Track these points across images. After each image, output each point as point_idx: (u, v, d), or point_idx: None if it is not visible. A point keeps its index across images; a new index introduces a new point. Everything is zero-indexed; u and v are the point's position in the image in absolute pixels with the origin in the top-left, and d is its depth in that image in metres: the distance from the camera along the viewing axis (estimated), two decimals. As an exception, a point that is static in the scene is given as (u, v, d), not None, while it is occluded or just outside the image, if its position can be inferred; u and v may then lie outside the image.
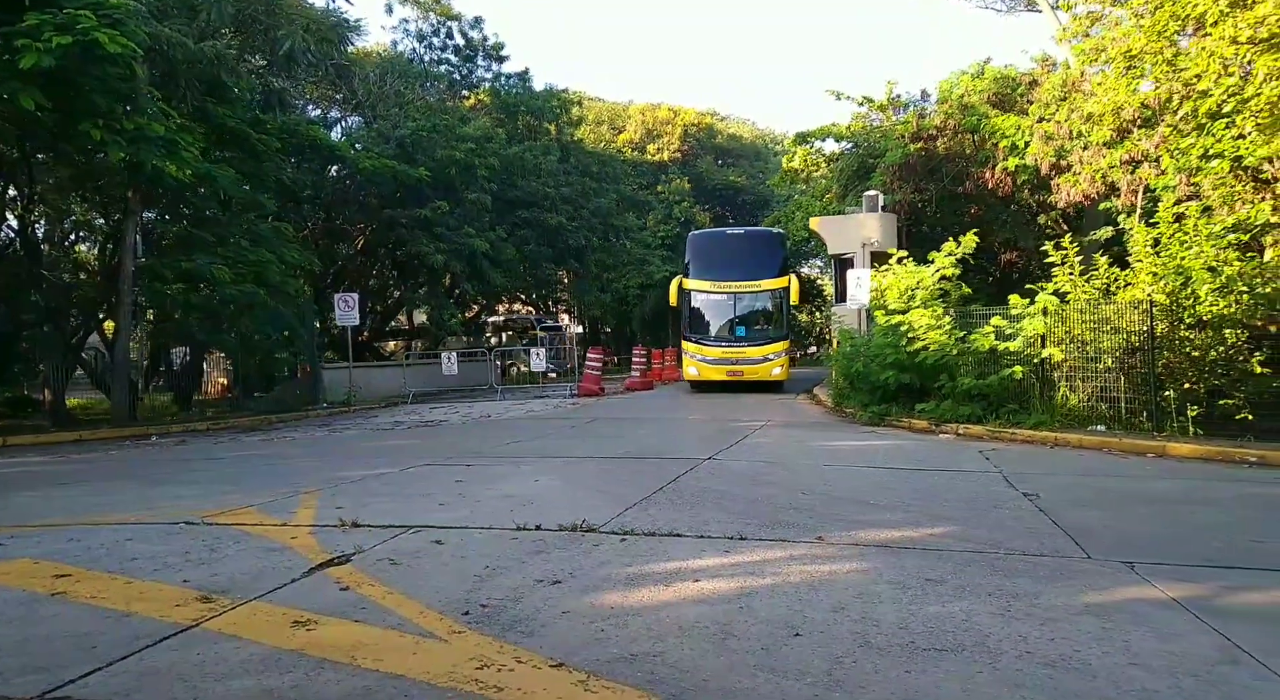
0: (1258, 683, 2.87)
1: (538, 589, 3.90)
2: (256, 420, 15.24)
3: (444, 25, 31.44)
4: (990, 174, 20.59)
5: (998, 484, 6.96)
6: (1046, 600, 3.76)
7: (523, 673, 2.90)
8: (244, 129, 16.57)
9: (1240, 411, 10.08)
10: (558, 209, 27.70)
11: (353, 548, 4.69)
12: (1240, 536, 5.04)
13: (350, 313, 17.79)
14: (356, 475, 7.68)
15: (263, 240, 17.09)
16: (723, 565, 4.35)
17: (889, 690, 2.80)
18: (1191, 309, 10.06)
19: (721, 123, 62.26)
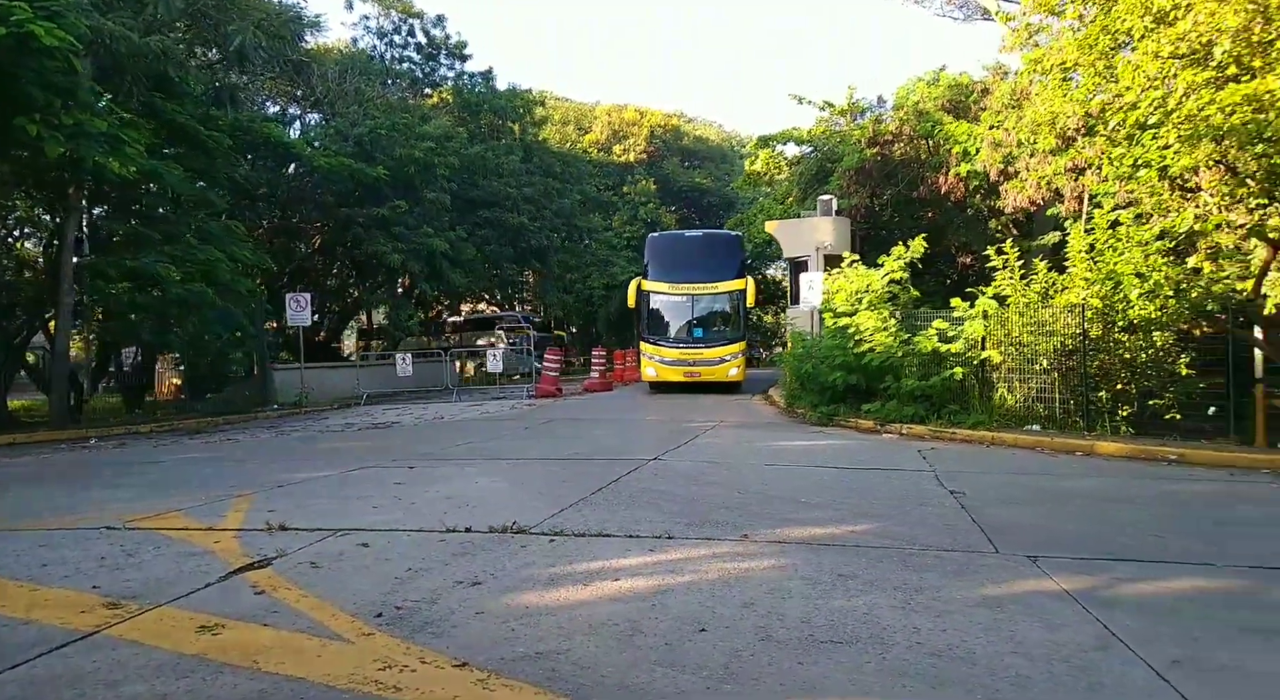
0: (1123, 667, 3.02)
1: (456, 590, 3.95)
2: (203, 422, 15.02)
3: (405, 23, 31.23)
4: (943, 179, 21.01)
5: (929, 482, 7.14)
6: (947, 593, 3.90)
7: (425, 673, 2.95)
8: (194, 125, 16.31)
9: (1169, 411, 10.45)
10: (519, 209, 27.65)
11: (275, 551, 4.69)
12: (1144, 531, 5.25)
13: (302, 313, 17.60)
14: (296, 478, 7.64)
15: (213, 239, 16.80)
16: (645, 564, 4.43)
17: (779, 681, 2.90)
18: (1123, 313, 10.38)
19: (689, 125, 62.57)
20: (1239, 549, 4.78)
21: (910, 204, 22.65)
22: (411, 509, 5.98)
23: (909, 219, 22.55)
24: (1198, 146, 7.99)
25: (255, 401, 17.54)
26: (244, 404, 17.18)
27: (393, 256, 22.15)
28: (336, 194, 23.03)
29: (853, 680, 2.91)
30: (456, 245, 24.57)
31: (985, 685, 2.87)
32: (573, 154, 38.77)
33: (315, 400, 18.42)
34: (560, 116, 53.12)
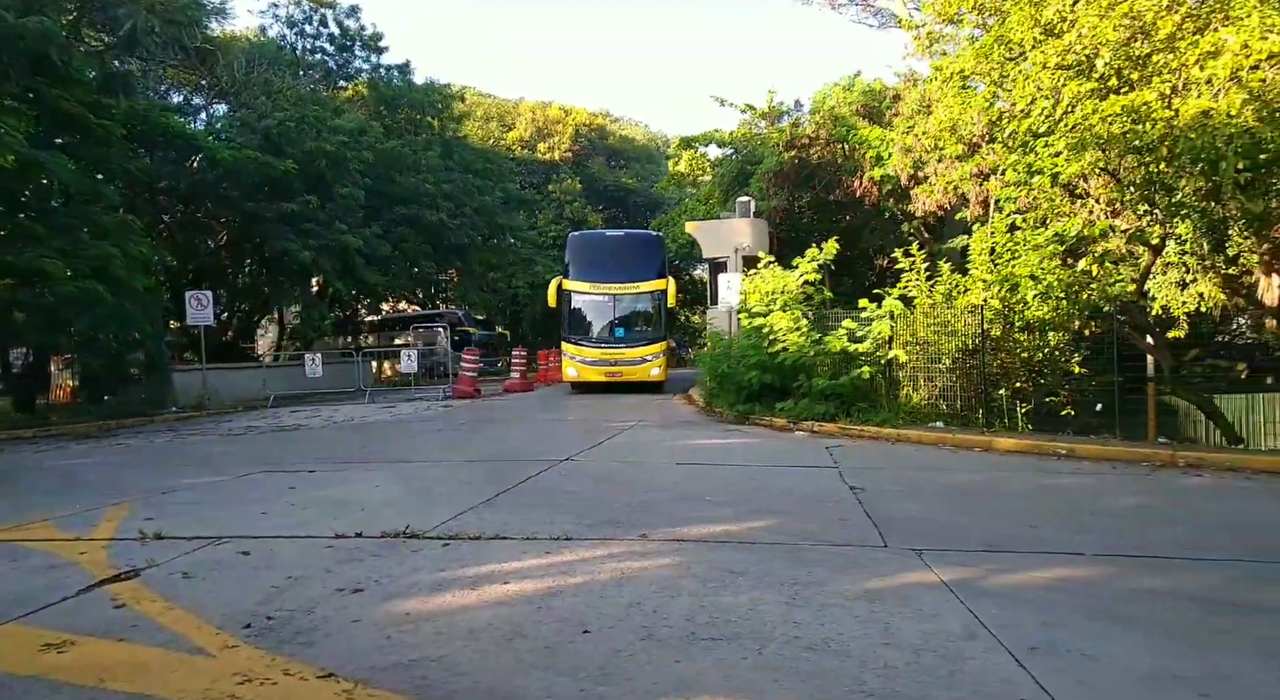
0: (984, 654, 3.12)
1: (335, 598, 3.81)
2: (95, 426, 14.25)
3: (317, 12, 30.28)
4: (858, 183, 21.52)
5: (831, 479, 7.26)
6: (832, 587, 3.96)
7: (286, 685, 2.83)
8: (84, 113, 15.44)
9: (1065, 408, 10.95)
10: (438, 206, 27.14)
11: (146, 562, 4.46)
12: (1023, 523, 5.45)
13: (204, 311, 16.89)
14: (183, 484, 7.31)
15: (107, 234, 15.96)
16: (538, 566, 4.37)
17: (653, 680, 2.88)
18: (1020, 314, 10.81)
19: (615, 124, 62.60)
20: (1106, 538, 5.01)
21: (828, 206, 23.13)
22: (302, 514, 5.77)
23: (827, 221, 23.02)
24: (1083, 155, 8.37)
25: (154, 404, 16.72)
26: (141, 407, 16.36)
27: (303, 254, 21.46)
28: (243, 188, 22.13)
29: (726, 677, 2.91)
30: (371, 242, 23.96)
31: (854, 676, 2.91)
32: (495, 151, 38.28)
33: (219, 402, 17.69)
34: (483, 113, 52.43)
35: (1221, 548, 4.81)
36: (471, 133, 45.04)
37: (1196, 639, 3.31)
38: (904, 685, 2.85)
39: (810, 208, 23.09)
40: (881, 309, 11.50)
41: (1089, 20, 8.18)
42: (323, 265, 22.54)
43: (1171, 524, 5.51)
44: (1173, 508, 6.14)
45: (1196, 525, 5.47)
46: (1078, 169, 8.91)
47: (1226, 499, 6.54)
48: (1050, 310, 10.67)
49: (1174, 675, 2.95)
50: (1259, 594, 3.95)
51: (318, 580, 4.11)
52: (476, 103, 54.18)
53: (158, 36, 15.13)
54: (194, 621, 3.49)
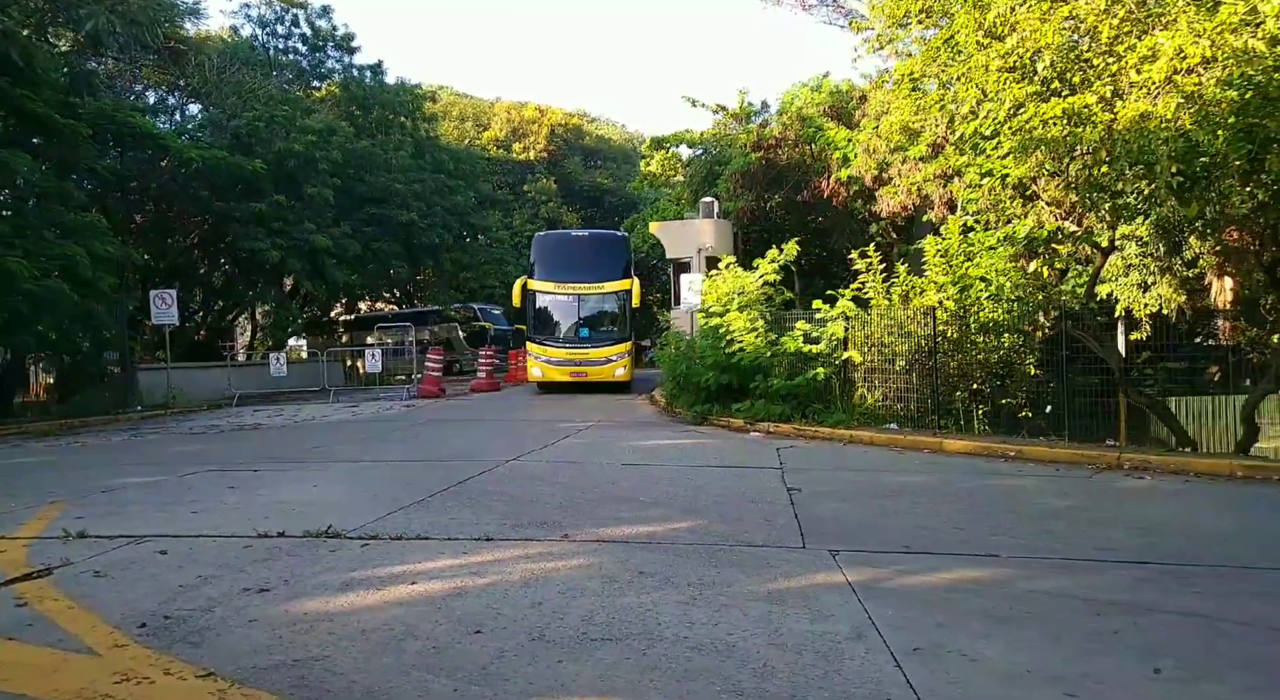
0: (866, 656, 3.19)
1: (239, 598, 3.84)
2: (57, 425, 14.15)
3: (289, 13, 30.07)
4: (826, 184, 21.65)
5: (772, 480, 7.33)
6: (737, 588, 4.03)
7: (164, 684, 2.86)
8: (49, 113, 15.29)
9: (1021, 409, 11.08)
10: (409, 206, 27.04)
11: (61, 560, 4.46)
12: (949, 524, 5.54)
13: (168, 311, 16.78)
14: (126, 483, 7.29)
15: (73, 233, 15.83)
16: (450, 567, 4.41)
17: (530, 680, 2.93)
18: (975, 316, 10.94)
19: (591, 124, 62.54)
20: (1027, 540, 5.09)
21: (797, 207, 23.24)
22: (232, 514, 5.77)
23: (797, 222, 23.13)
24: (1028, 157, 8.49)
25: (119, 403, 16.59)
26: (105, 406, 16.23)
27: (271, 253, 21.37)
28: (213, 188, 22.00)
29: (603, 677, 2.97)
30: (341, 242, 23.85)
31: (728, 676, 2.97)
32: (468, 151, 38.14)
33: (186, 401, 17.57)
34: (458, 112, 52.26)
35: (1137, 550, 4.89)
36: (447, 132, 44.86)
37: (1082, 641, 3.39)
38: (776, 685, 2.91)
39: (779, 209, 23.19)
40: (834, 310, 11.59)
41: (1030, 23, 8.29)
42: (291, 265, 22.43)
43: (1096, 526, 5.60)
44: (1101, 510, 6.24)
45: (1119, 527, 5.56)
46: (1024, 171, 9.03)
47: (1158, 501, 6.65)
48: (1003, 312, 10.82)
49: (1048, 675, 3.03)
50: (1160, 596, 4.02)
51: (227, 580, 4.13)
52: (452, 102, 53.99)
53: (119, 36, 14.99)
54: (91, 621, 3.50)
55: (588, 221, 46.82)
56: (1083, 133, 7.92)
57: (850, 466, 8.32)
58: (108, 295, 16.22)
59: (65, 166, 17.04)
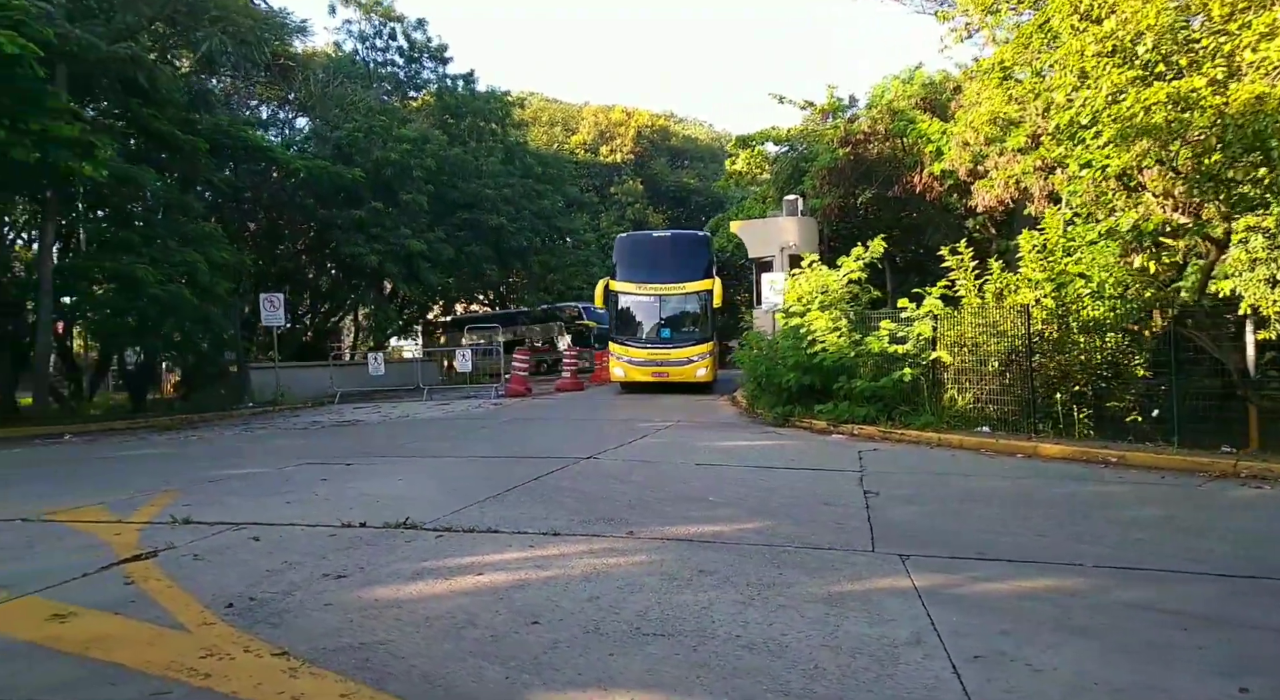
0: (923, 661, 3.13)
1: (318, 583, 4.06)
2: (176, 420, 15.17)
3: (386, 27, 31.36)
4: (918, 178, 21.04)
5: (849, 483, 7.20)
6: (797, 590, 4.00)
7: (241, 661, 3.06)
8: (170, 130, 16.43)
9: (1129, 413, 10.48)
10: (499, 210, 27.75)
11: (166, 544, 4.81)
12: (1032, 531, 5.33)
13: (276, 313, 17.75)
14: (232, 474, 7.78)
15: (192, 241, 16.98)
16: (515, 560, 4.54)
17: (579, 671, 3.00)
18: (1076, 314, 10.44)
19: (678, 125, 62.69)
20: (1114, 550, 4.85)
21: (888, 203, 22.68)
22: (322, 505, 6.09)
23: (890, 218, 22.58)
24: (1131, 146, 8.06)
25: (233, 400, 17.68)
26: (221, 403, 17.31)
27: (370, 257, 22.33)
28: (317, 196, 23.20)
29: (651, 671, 3.01)
30: (435, 246, 24.69)
31: (777, 676, 2.97)
32: (556, 155, 38.83)
33: (293, 399, 18.55)
34: (548, 118, 53.27)
35: (1235, 563, 4.59)
36: (536, 138, 45.81)
37: (1152, 653, 3.24)
38: (825, 686, 2.90)
39: (870, 205, 22.67)
40: (921, 309, 11.28)
41: (1131, 4, 7.87)
42: (388, 268, 23.36)
43: (1193, 536, 5.28)
44: (1202, 520, 5.87)
45: (1219, 539, 5.21)
46: (1126, 161, 8.58)
47: (1270, 512, 6.24)
48: (1106, 310, 10.29)
49: (1116, 688, 2.90)
50: (1256, 613, 3.77)
51: (309, 566, 4.37)
52: (542, 108, 55.09)
53: (230, 55, 16.00)
54: (186, 600, 3.78)
55: (674, 222, 46.92)
56: (1190, 118, 7.46)
57: (934, 470, 8.09)
58: (223, 299, 17.32)
59: (186, 180, 18.31)
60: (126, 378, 20.33)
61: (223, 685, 2.84)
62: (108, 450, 10.46)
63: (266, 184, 23.16)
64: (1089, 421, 10.42)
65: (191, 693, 2.79)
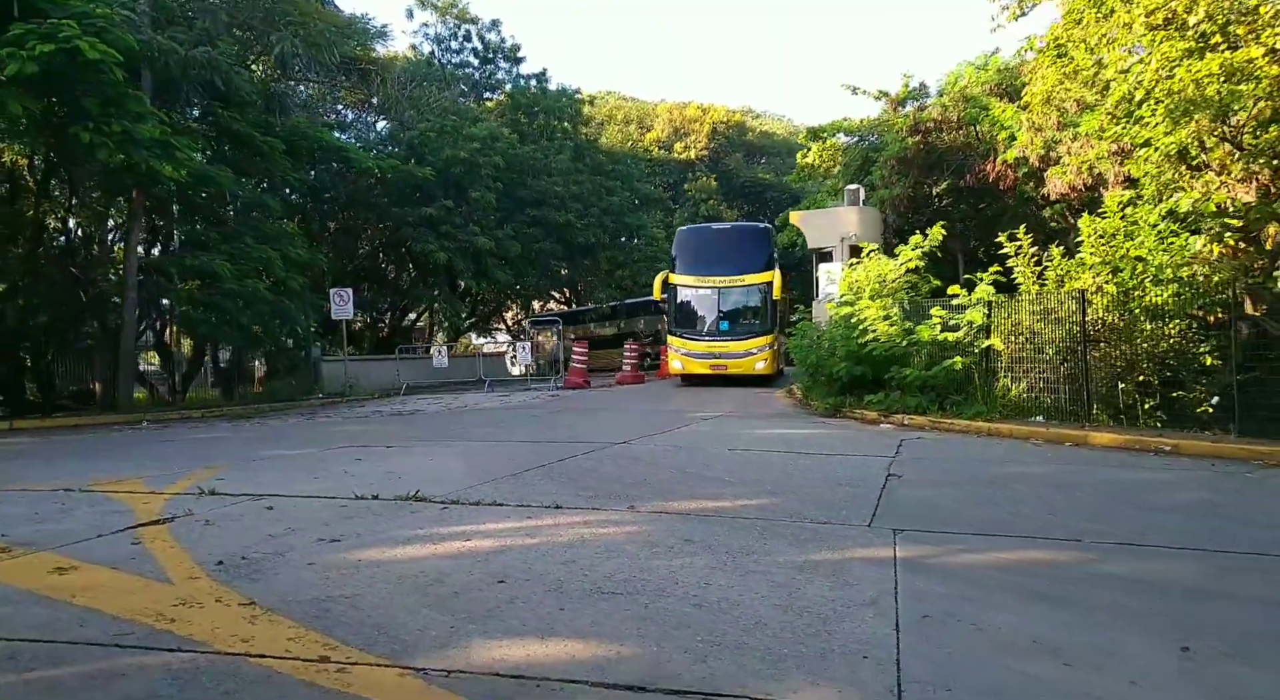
0: (871, 620, 3.09)
1: (310, 546, 4.23)
2: (249, 409, 15.92)
3: (461, 28, 32.16)
4: (991, 166, 20.33)
5: (877, 467, 7.01)
6: (773, 558, 3.96)
7: (209, 609, 3.23)
8: (249, 131, 17.27)
9: (1200, 404, 9.92)
10: (567, 207, 28.10)
11: (185, 511, 5.09)
12: (1046, 512, 5.13)
13: (345, 307, 18.42)
14: (275, 455, 8.16)
15: (269, 239, 17.80)
16: (508, 529, 4.62)
17: (523, 622, 3.06)
18: (1138, 300, 9.92)
19: (756, 120, 62.16)
20: (1124, 529, 4.64)
21: (963, 194, 21.99)
22: (347, 480, 6.30)
23: (966, 209, 21.89)
24: (1186, 122, 7.61)
25: (304, 391, 18.47)
26: (293, 393, 18.11)
27: (439, 254, 22.94)
28: (390, 195, 24.02)
29: (596, 623, 3.05)
30: (504, 243, 25.17)
31: (716, 629, 2.97)
32: (625, 152, 39.05)
33: (361, 390, 19.25)
34: (622, 116, 53.53)
35: (1250, 543, 4.35)
36: (611, 135, 46.14)
37: (1117, 619, 3.13)
38: (758, 639, 2.88)
39: (944, 196, 22.01)
40: (973, 295, 10.90)
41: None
42: (457, 264, 23.95)
43: (1216, 519, 5.00)
44: (1234, 505, 5.54)
45: (1244, 523, 4.93)
46: (1181, 138, 8.11)
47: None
48: (1170, 295, 9.74)
49: (1053, 647, 2.83)
50: (1231, 583, 3.63)
51: (310, 531, 4.55)
52: (617, 106, 55.44)
53: (300, 58, 16.71)
54: (182, 558, 4.00)
55: (749, 218, 46.52)
56: (1246, 90, 6.99)
57: (973, 457, 7.85)
58: (299, 293, 18.10)
59: (262, 179, 19.22)
60: (217, 372, 21.54)
61: (183, 628, 3.00)
62: (174, 435, 11.07)
63: (344, 183, 24.07)
64: (1156, 412, 9.89)
65: (151, 634, 2.96)
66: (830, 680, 2.55)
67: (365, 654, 2.74)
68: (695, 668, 2.63)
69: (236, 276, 15.95)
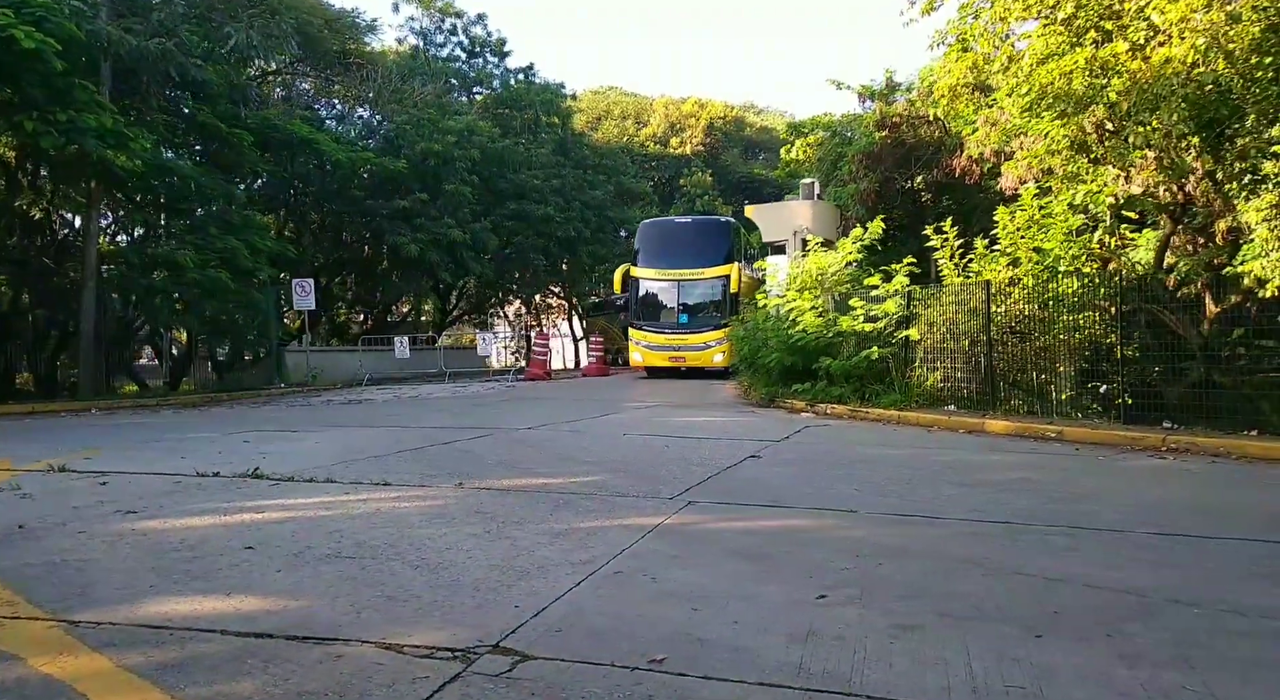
0: (566, 575, 3.27)
1: (102, 518, 4.36)
2: (205, 398, 16.09)
3: (444, 21, 32.32)
4: (956, 162, 20.32)
5: (746, 451, 7.04)
6: (543, 526, 4.12)
7: (-60, 567, 3.36)
8: (214, 122, 17.43)
9: (1119, 396, 9.95)
10: (546, 200, 28.17)
11: (13, 486, 5.23)
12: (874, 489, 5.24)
13: (306, 297, 18.61)
14: (174, 437, 8.34)
15: (234, 229, 17.94)
16: (315, 503, 4.75)
17: (232, 581, 3.20)
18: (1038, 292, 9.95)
19: (758, 116, 62.01)
20: (915, 504, 4.79)
21: (935, 189, 21.98)
22: (212, 460, 6.34)
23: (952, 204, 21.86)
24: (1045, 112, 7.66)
25: (265, 381, 18.64)
26: (255, 383, 18.29)
27: (410, 246, 23.04)
28: (364, 188, 24.18)
29: (296, 583, 3.20)
30: (480, 235, 25.26)
31: (410, 587, 3.14)
32: (616, 147, 39.14)
33: (326, 381, 19.39)
34: (620, 111, 53.52)
35: (1010, 512, 4.50)
36: (607, 130, 46.19)
37: (791, 574, 3.31)
38: (439, 593, 3.07)
39: (922, 190, 21.99)
40: (890, 286, 10.96)
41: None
42: (429, 256, 24.03)
43: (1013, 494, 5.10)
44: (1048, 482, 5.62)
45: (1035, 495, 5.06)
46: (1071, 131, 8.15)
47: (1121, 477, 6.04)
48: (1080, 286, 9.76)
49: (702, 596, 2.99)
50: (949, 546, 3.78)
51: (118, 504, 4.69)
52: (615, 102, 55.44)
53: (257, 51, 16.85)
54: (-36, 527, 4.13)
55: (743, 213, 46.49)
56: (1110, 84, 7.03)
57: (853, 442, 7.99)
58: (265, 284, 18.28)
59: (230, 170, 19.36)
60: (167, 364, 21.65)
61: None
62: (106, 421, 11.26)
63: (321, 176, 24.23)
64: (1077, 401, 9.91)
65: None
66: (459, 625, 2.68)
67: (38, 610, 2.86)
68: (344, 618, 2.75)
69: (199, 266, 16.11)
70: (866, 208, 21.97)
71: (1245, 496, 5.20)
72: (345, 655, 2.39)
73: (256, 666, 2.31)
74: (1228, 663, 2.38)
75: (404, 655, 2.40)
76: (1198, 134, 6.46)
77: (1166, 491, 5.32)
